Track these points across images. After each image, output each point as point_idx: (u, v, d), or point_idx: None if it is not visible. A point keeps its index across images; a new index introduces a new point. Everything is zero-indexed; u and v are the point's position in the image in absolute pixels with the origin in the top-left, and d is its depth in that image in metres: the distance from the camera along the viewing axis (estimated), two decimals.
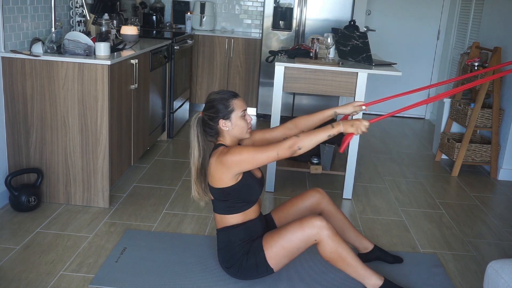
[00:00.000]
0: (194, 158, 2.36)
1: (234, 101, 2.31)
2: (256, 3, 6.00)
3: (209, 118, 2.31)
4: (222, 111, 2.29)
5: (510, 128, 4.15)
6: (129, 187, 3.52)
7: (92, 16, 3.81)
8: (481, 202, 3.72)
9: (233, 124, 2.31)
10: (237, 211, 2.35)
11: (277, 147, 2.18)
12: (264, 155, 2.18)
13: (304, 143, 2.17)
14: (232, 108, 2.29)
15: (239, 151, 2.20)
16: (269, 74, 5.50)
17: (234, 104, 2.30)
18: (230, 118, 2.30)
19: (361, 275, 2.27)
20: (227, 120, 2.30)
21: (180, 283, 2.39)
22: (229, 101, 2.30)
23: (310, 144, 2.18)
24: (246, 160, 2.19)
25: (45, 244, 2.68)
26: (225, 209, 2.35)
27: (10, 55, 2.94)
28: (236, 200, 2.33)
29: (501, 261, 1.90)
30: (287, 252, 2.27)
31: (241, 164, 2.20)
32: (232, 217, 2.35)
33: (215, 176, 2.28)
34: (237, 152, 2.20)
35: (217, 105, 2.30)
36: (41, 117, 3.03)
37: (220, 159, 2.23)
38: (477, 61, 4.30)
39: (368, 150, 4.83)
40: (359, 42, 3.48)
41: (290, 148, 2.17)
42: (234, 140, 2.36)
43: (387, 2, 6.10)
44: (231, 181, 2.27)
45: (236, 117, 2.30)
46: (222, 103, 2.30)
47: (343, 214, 2.65)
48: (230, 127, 2.31)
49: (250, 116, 2.38)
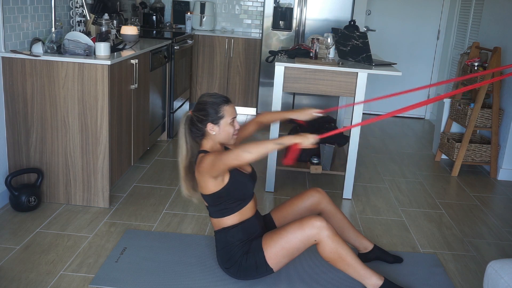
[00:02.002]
0: (182, 156, 2.39)
1: (226, 107, 2.32)
2: (256, 3, 6.00)
3: (198, 119, 2.32)
4: (212, 116, 2.30)
5: (510, 128, 4.15)
6: (129, 187, 3.52)
7: (92, 16, 3.81)
8: (481, 202, 3.72)
9: (221, 129, 2.32)
10: (233, 211, 2.35)
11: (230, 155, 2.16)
12: (229, 156, 2.16)
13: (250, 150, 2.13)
14: (222, 114, 2.31)
15: (207, 156, 2.24)
16: (269, 74, 5.50)
17: (225, 110, 2.31)
18: (218, 123, 2.31)
19: (361, 275, 2.27)
20: (215, 125, 2.31)
21: (180, 283, 2.39)
22: (221, 107, 2.31)
23: (256, 153, 2.13)
24: (212, 164, 2.20)
25: (45, 244, 2.68)
26: (220, 212, 2.36)
27: (10, 55, 2.94)
28: (230, 201, 2.33)
29: (501, 261, 1.90)
30: (287, 252, 2.27)
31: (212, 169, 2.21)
32: (228, 218, 2.36)
33: (201, 184, 2.32)
34: (205, 158, 2.25)
35: (208, 108, 2.31)
36: (41, 117, 3.03)
37: (198, 169, 2.29)
38: (477, 61, 4.30)
39: (368, 150, 4.83)
40: (359, 42, 3.48)
41: (236, 158, 2.14)
42: (216, 144, 2.37)
43: (387, 2, 6.10)
44: (217, 185, 2.28)
45: (225, 124, 2.32)
46: (213, 108, 2.31)
47: (342, 214, 2.65)
48: (217, 132, 2.32)
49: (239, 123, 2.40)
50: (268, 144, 2.17)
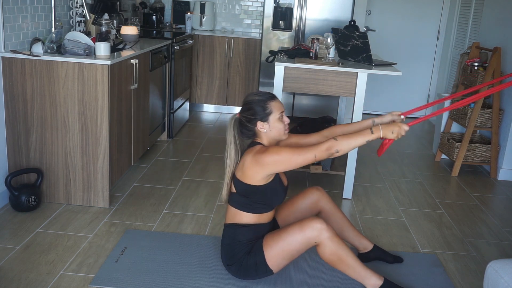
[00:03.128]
0: (231, 160, 2.35)
1: (272, 103, 2.30)
2: (256, 3, 6.00)
3: (247, 120, 2.30)
4: (260, 113, 2.28)
5: (510, 128, 4.15)
6: (129, 187, 3.52)
7: (92, 16, 3.81)
8: (481, 202, 3.72)
9: (271, 126, 2.30)
10: (254, 211, 2.33)
11: (314, 149, 2.15)
12: (302, 156, 2.16)
13: (342, 146, 2.14)
14: (270, 110, 2.28)
15: (277, 151, 2.19)
16: (269, 74, 5.50)
17: (272, 106, 2.29)
18: (268, 120, 2.29)
19: (361, 275, 2.27)
20: (265, 122, 2.29)
21: (180, 283, 2.39)
22: (267, 103, 2.29)
23: (347, 147, 2.15)
24: (283, 161, 2.18)
25: (45, 244, 2.68)
26: (243, 205, 2.33)
27: (10, 55, 2.94)
28: (259, 200, 2.31)
29: (501, 261, 1.90)
30: (287, 254, 2.27)
31: (277, 164, 2.19)
32: (247, 215, 2.34)
33: (248, 172, 2.26)
34: (275, 152, 2.19)
35: (255, 107, 2.29)
36: (41, 117, 3.03)
37: (257, 158, 2.21)
38: (477, 61, 4.30)
39: (368, 150, 4.83)
40: (359, 42, 3.48)
41: (327, 150, 2.14)
42: (271, 141, 2.35)
43: (387, 2, 6.10)
44: (262, 181, 2.26)
45: (274, 119, 2.29)
46: (260, 105, 2.29)
47: (342, 213, 2.65)
48: (267, 129, 2.30)
49: (287, 117, 2.37)
50: (358, 139, 2.14)
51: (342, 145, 2.14)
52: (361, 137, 2.16)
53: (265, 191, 2.29)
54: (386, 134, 2.17)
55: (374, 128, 2.17)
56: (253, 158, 2.23)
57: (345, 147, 2.15)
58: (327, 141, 2.15)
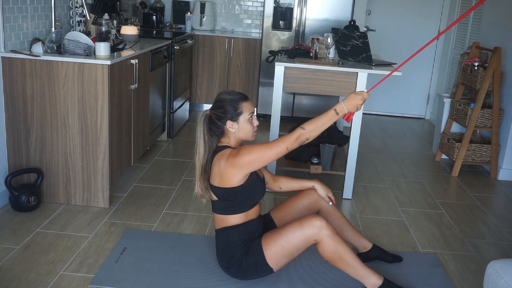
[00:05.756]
0: (200, 155, 2.38)
1: (244, 104, 2.33)
2: (256, 3, 6.00)
3: (217, 117, 2.32)
4: (231, 113, 2.30)
5: (510, 128, 4.15)
6: (129, 187, 3.52)
7: (92, 16, 3.81)
8: (481, 202, 3.72)
9: (240, 126, 2.32)
10: (240, 211, 2.35)
11: (285, 141, 2.21)
12: (274, 151, 2.21)
13: (311, 133, 2.21)
14: (240, 111, 2.31)
15: (249, 151, 2.22)
16: (269, 74, 5.50)
17: (243, 106, 2.32)
18: (237, 120, 2.31)
19: (360, 274, 2.27)
20: (235, 122, 2.31)
21: (180, 283, 2.39)
22: (239, 103, 2.31)
23: (316, 133, 2.22)
24: (257, 159, 2.21)
25: (45, 244, 2.68)
26: (228, 209, 2.35)
27: (10, 55, 2.94)
28: (243, 199, 2.33)
29: (501, 261, 1.90)
30: (287, 252, 2.27)
31: (252, 163, 2.22)
32: (234, 217, 2.35)
33: (225, 176, 2.28)
34: (247, 153, 2.22)
35: (226, 106, 2.31)
36: (41, 117, 3.03)
37: (231, 161, 2.24)
38: (477, 61, 4.30)
39: (368, 150, 4.83)
40: (359, 42, 3.48)
41: (297, 140, 2.20)
42: (238, 141, 2.38)
43: (387, 2, 6.10)
44: (241, 181, 2.28)
45: (244, 120, 2.32)
46: (231, 105, 2.31)
47: (341, 213, 2.65)
48: (236, 129, 2.33)
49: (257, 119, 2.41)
50: (326, 123, 2.22)
51: (310, 133, 2.21)
52: (329, 121, 2.23)
53: (246, 188, 2.31)
54: (351, 110, 2.25)
55: (338, 108, 2.24)
56: (227, 162, 2.26)
57: (314, 133, 2.22)
58: (295, 131, 2.21)
